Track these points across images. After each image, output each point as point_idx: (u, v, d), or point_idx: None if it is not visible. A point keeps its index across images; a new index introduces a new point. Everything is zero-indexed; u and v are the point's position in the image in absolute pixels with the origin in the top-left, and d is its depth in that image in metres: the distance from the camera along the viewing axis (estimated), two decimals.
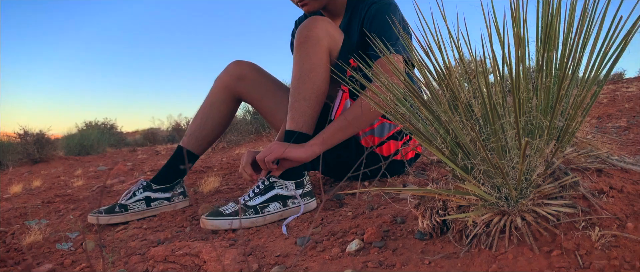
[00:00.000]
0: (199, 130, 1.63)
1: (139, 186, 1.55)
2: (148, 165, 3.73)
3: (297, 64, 1.36)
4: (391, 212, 1.13)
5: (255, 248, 1.03)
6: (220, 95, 1.66)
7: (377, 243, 0.93)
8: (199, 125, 1.64)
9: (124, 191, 2.11)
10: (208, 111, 1.65)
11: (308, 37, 1.35)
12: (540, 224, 0.76)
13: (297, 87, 1.35)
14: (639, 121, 2.56)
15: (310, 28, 1.35)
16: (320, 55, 1.35)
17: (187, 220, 1.40)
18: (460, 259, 0.79)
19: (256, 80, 1.67)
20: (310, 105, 1.35)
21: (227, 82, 1.65)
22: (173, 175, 1.60)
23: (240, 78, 1.65)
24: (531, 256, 0.72)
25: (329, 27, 1.38)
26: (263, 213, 1.25)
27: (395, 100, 0.85)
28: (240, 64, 1.68)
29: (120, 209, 1.49)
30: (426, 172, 1.71)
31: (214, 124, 1.65)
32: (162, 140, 9.39)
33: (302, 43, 1.36)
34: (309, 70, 1.35)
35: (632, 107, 3.50)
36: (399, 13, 1.48)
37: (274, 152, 1.28)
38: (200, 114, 1.66)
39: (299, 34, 1.37)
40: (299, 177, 1.33)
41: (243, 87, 1.66)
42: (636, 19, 0.75)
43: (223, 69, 1.69)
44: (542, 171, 0.76)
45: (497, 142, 0.69)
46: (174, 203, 1.59)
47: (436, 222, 0.90)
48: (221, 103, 1.66)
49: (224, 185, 2.01)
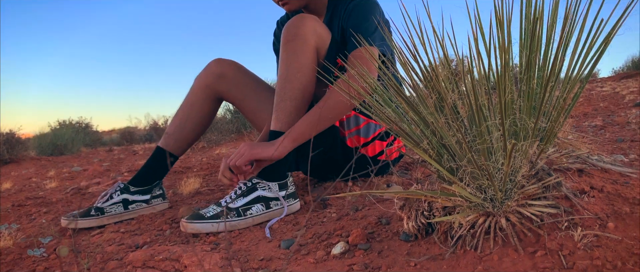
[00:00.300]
0: (178, 131, 1.60)
1: (116, 188, 1.51)
2: (125, 165, 3.66)
3: (284, 63, 1.34)
4: (375, 213, 1.12)
5: (238, 252, 1.02)
6: (200, 95, 1.62)
7: (362, 245, 0.92)
8: (178, 126, 1.60)
9: (100, 193, 2.06)
10: (188, 111, 1.62)
11: (296, 36, 1.33)
12: (524, 224, 0.77)
13: (283, 87, 1.34)
14: (614, 120, 2.62)
15: (298, 26, 1.33)
16: (307, 54, 1.33)
17: (166, 223, 1.37)
18: (446, 261, 0.79)
19: (238, 79, 1.64)
20: (296, 105, 1.33)
21: (207, 81, 1.62)
22: (151, 177, 1.57)
23: (221, 77, 1.62)
24: (516, 257, 0.72)
25: (317, 26, 1.37)
26: (246, 216, 1.23)
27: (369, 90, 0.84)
28: (221, 62, 1.65)
29: (96, 212, 1.45)
30: (409, 171, 1.72)
31: (194, 124, 1.62)
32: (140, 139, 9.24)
33: (289, 41, 1.34)
34: (296, 70, 1.33)
35: (606, 106, 3.59)
36: (378, 10, 1.47)
37: (244, 155, 1.26)
38: (179, 113, 1.62)
39: (286, 32, 1.35)
40: (283, 178, 1.32)
41: (224, 86, 1.63)
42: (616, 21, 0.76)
43: (203, 68, 1.66)
44: (527, 172, 0.76)
45: (483, 144, 0.69)
46: (153, 206, 1.55)
47: (421, 223, 0.89)
48: (202, 102, 1.62)
49: (205, 186, 1.97)
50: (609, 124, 2.49)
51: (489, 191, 0.76)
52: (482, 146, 0.70)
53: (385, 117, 0.85)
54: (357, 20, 1.41)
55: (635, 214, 0.75)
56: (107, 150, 6.54)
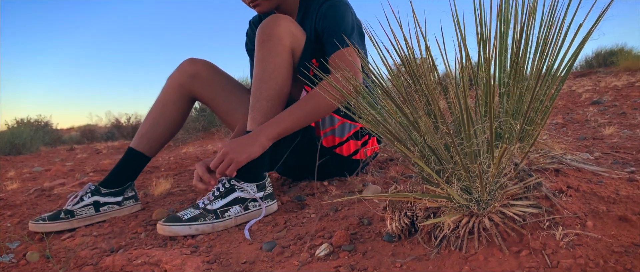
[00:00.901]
0: (151, 131, 1.56)
1: (87, 190, 1.46)
2: (89, 165, 3.54)
3: (260, 64, 1.33)
4: (356, 213, 1.13)
5: (219, 255, 1.00)
6: (173, 94, 1.59)
7: (346, 246, 0.92)
8: (151, 126, 1.56)
9: (66, 194, 1.99)
10: (161, 111, 1.58)
11: (271, 36, 1.32)
12: (507, 224, 0.78)
13: (259, 87, 1.32)
14: (574, 118, 2.72)
15: (273, 27, 1.32)
16: (283, 55, 1.33)
17: (141, 226, 1.33)
18: (431, 261, 0.80)
19: (211, 78, 1.62)
20: (272, 106, 1.32)
21: (180, 81, 1.59)
22: (123, 178, 1.52)
23: (195, 76, 1.59)
24: (501, 257, 0.74)
25: (292, 26, 1.36)
26: (224, 217, 1.21)
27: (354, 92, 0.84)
28: (194, 61, 1.62)
29: (66, 215, 1.39)
30: (383, 170, 1.73)
31: (167, 124, 1.58)
32: (101, 137, 8.98)
33: (264, 41, 1.32)
34: (271, 70, 1.32)
35: (565, 104, 3.73)
36: (350, 11, 1.48)
37: (233, 163, 1.23)
38: (152, 114, 1.58)
39: (261, 33, 1.33)
40: (261, 180, 1.30)
41: (197, 86, 1.60)
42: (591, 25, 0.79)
43: (176, 67, 1.62)
44: (513, 174, 0.78)
45: (471, 147, 0.70)
46: (125, 208, 1.51)
47: (405, 224, 0.90)
48: (174, 102, 1.59)
49: (176, 187, 1.93)
50: (570, 122, 2.58)
51: (474, 192, 0.77)
52: (469, 149, 0.71)
53: (372, 119, 0.85)
54: (334, 21, 1.41)
55: (612, 213, 0.78)
56: (69, 149, 6.30)
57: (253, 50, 1.68)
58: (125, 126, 9.62)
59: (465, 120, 0.67)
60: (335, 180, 1.60)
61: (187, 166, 2.85)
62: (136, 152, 1.54)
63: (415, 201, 0.90)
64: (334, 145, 1.53)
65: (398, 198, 0.88)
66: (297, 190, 1.53)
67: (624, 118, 2.50)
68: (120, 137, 8.75)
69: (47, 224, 1.36)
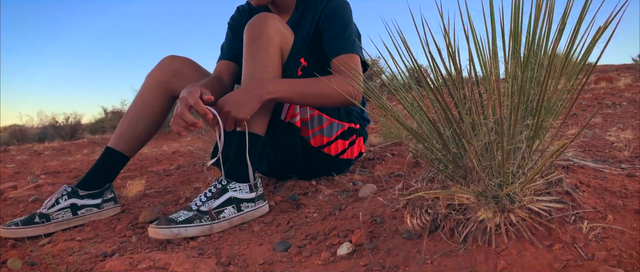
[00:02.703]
0: (130, 131, 1.48)
1: (63, 192, 1.36)
2: (36, 167, 3.30)
3: (250, 62, 1.29)
4: (363, 211, 1.12)
5: (232, 257, 0.96)
6: (153, 92, 1.52)
7: (367, 245, 0.91)
8: (130, 125, 1.48)
9: (25, 198, 1.84)
10: (140, 109, 1.50)
11: (260, 34, 1.29)
12: (534, 219, 0.81)
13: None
14: None
15: (263, 25, 1.30)
16: (272, 53, 1.30)
17: (128, 229, 1.26)
18: (461, 257, 0.81)
19: (193, 76, 1.56)
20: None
21: (161, 78, 1.52)
22: (102, 179, 1.43)
23: (176, 74, 1.53)
24: (534, 251, 0.76)
25: (280, 26, 1.34)
26: (219, 219, 1.17)
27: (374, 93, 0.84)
28: (175, 59, 1.56)
29: (41, 219, 1.29)
30: (367, 169, 1.74)
31: (147, 123, 1.51)
32: (33, 138, 8.44)
33: (253, 40, 1.29)
34: (262, 68, 1.29)
35: None
36: (352, 14, 1.49)
37: (235, 119, 1.21)
38: (131, 112, 1.50)
39: (250, 31, 1.30)
40: (252, 180, 1.27)
41: (179, 84, 1.54)
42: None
43: (156, 65, 1.56)
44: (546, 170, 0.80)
45: (513, 145, 0.72)
46: (105, 210, 1.42)
47: (425, 221, 0.91)
48: (155, 100, 1.52)
49: (149, 188, 1.84)
50: None
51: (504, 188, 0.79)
52: (510, 147, 0.73)
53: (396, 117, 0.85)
54: (342, 24, 1.42)
55: (629, 207, 0.83)
56: (2, 150, 5.85)
57: (238, 31, 1.61)
58: (63, 126, 9.09)
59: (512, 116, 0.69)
60: (323, 179, 1.59)
61: (147, 167, 2.74)
62: (115, 151, 1.45)
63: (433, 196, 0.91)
64: (322, 144, 1.51)
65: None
66: (286, 190, 1.51)
67: (575, 119, 2.67)
68: (57, 137, 8.25)
69: (20, 229, 1.25)
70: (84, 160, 3.39)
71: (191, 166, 2.39)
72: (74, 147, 5.04)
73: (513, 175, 0.79)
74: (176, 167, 2.41)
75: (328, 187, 1.48)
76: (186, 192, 1.64)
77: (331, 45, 1.41)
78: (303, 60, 1.39)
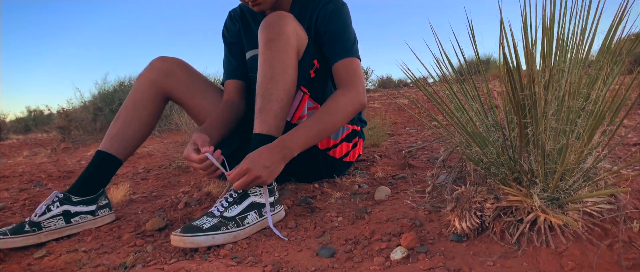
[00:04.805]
0: (123, 132, 1.38)
1: (54, 198, 1.24)
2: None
3: (268, 63, 1.24)
4: (395, 214, 1.11)
5: (276, 264, 0.91)
6: (146, 93, 1.43)
7: (419, 248, 0.91)
8: (123, 126, 1.38)
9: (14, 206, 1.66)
10: (132, 110, 1.41)
11: (280, 34, 1.24)
12: (587, 219, 0.84)
13: (268, 88, 1.24)
14: None
15: (282, 25, 1.25)
16: (291, 54, 1.26)
17: (138, 237, 1.16)
18: (522, 258, 0.83)
19: (186, 77, 1.49)
20: (282, 108, 1.25)
21: (153, 79, 1.44)
22: (95, 184, 1.32)
23: (169, 75, 1.45)
24: (597, 251, 0.79)
25: (297, 26, 1.30)
26: (244, 225, 1.12)
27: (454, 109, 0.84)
28: (167, 59, 1.48)
29: (31, 227, 1.17)
30: (362, 171, 1.73)
31: (140, 124, 1.42)
32: None
33: (271, 40, 1.24)
34: (281, 70, 1.24)
35: None
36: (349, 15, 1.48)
37: (258, 181, 1.14)
38: (122, 114, 1.40)
39: (268, 30, 1.25)
40: (271, 184, 1.23)
41: (172, 85, 1.46)
42: None
43: (147, 66, 1.48)
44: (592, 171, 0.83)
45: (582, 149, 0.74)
46: (99, 217, 1.31)
47: (475, 223, 0.92)
48: (148, 101, 1.43)
49: (133, 193, 1.73)
50: None
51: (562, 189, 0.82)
52: (580, 150, 0.75)
53: (456, 123, 0.85)
54: (342, 27, 1.40)
55: None
56: None
57: (233, 43, 1.58)
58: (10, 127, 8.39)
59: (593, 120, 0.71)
60: (324, 182, 1.57)
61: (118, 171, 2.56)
62: (108, 155, 1.35)
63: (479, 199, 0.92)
64: (328, 147, 1.49)
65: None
66: (291, 193, 1.47)
67: None
68: None
69: (9, 239, 1.12)
70: (28, 163, 3.12)
71: (163, 168, 2.27)
72: (7, 148, 4.61)
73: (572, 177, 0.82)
74: (146, 170, 2.28)
75: (334, 190, 1.46)
76: (184, 197, 1.55)
77: (331, 49, 1.39)
78: (316, 62, 1.36)
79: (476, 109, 0.87)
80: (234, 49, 1.56)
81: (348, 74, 1.34)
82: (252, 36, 1.53)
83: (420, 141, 2.27)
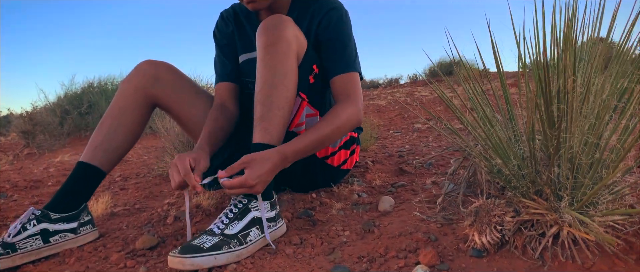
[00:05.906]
0: (107, 141, 1.28)
1: (30, 216, 1.14)
2: None
3: (268, 68, 1.18)
4: (406, 229, 1.07)
5: None
6: (131, 99, 1.34)
7: (440, 266, 0.87)
8: (107, 135, 1.29)
9: None
10: (118, 118, 1.31)
11: (280, 38, 1.18)
12: (610, 233, 0.82)
13: (269, 94, 1.17)
14: None
15: (282, 29, 1.19)
16: (292, 60, 1.20)
17: (128, 258, 1.07)
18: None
19: (174, 83, 1.40)
20: (284, 115, 1.18)
21: (140, 84, 1.34)
22: (77, 199, 1.23)
23: (157, 80, 1.36)
24: (625, 266, 0.77)
25: (296, 30, 1.24)
26: (246, 243, 1.05)
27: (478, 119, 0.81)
28: (154, 63, 1.39)
29: (5, 249, 1.06)
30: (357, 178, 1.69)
31: (126, 131, 1.32)
32: None
33: (272, 44, 1.18)
34: (282, 76, 1.18)
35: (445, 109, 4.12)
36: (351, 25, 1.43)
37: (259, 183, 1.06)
38: (107, 121, 1.31)
39: (268, 34, 1.18)
40: (272, 197, 1.16)
41: (160, 90, 1.37)
42: None
43: (132, 70, 1.38)
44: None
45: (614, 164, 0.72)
46: (81, 235, 1.21)
47: (495, 237, 0.89)
48: (134, 108, 1.34)
49: (114, 206, 1.62)
50: None
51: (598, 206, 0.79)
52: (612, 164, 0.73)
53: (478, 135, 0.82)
54: (344, 39, 1.34)
55: None
56: None
57: (225, 44, 1.49)
58: None
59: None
60: (321, 191, 1.51)
61: None
62: (90, 166, 1.25)
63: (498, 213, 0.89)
64: (326, 155, 1.44)
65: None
66: (287, 204, 1.40)
67: None
68: None
69: None
70: None
71: (142, 177, 2.16)
72: None
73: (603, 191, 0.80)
74: (124, 179, 2.16)
75: (334, 201, 1.40)
76: (171, 210, 1.46)
77: (331, 61, 1.33)
78: (315, 67, 1.31)
79: (498, 119, 0.84)
80: (227, 51, 1.48)
81: (348, 90, 1.29)
82: (246, 39, 1.45)
83: (408, 145, 2.25)
